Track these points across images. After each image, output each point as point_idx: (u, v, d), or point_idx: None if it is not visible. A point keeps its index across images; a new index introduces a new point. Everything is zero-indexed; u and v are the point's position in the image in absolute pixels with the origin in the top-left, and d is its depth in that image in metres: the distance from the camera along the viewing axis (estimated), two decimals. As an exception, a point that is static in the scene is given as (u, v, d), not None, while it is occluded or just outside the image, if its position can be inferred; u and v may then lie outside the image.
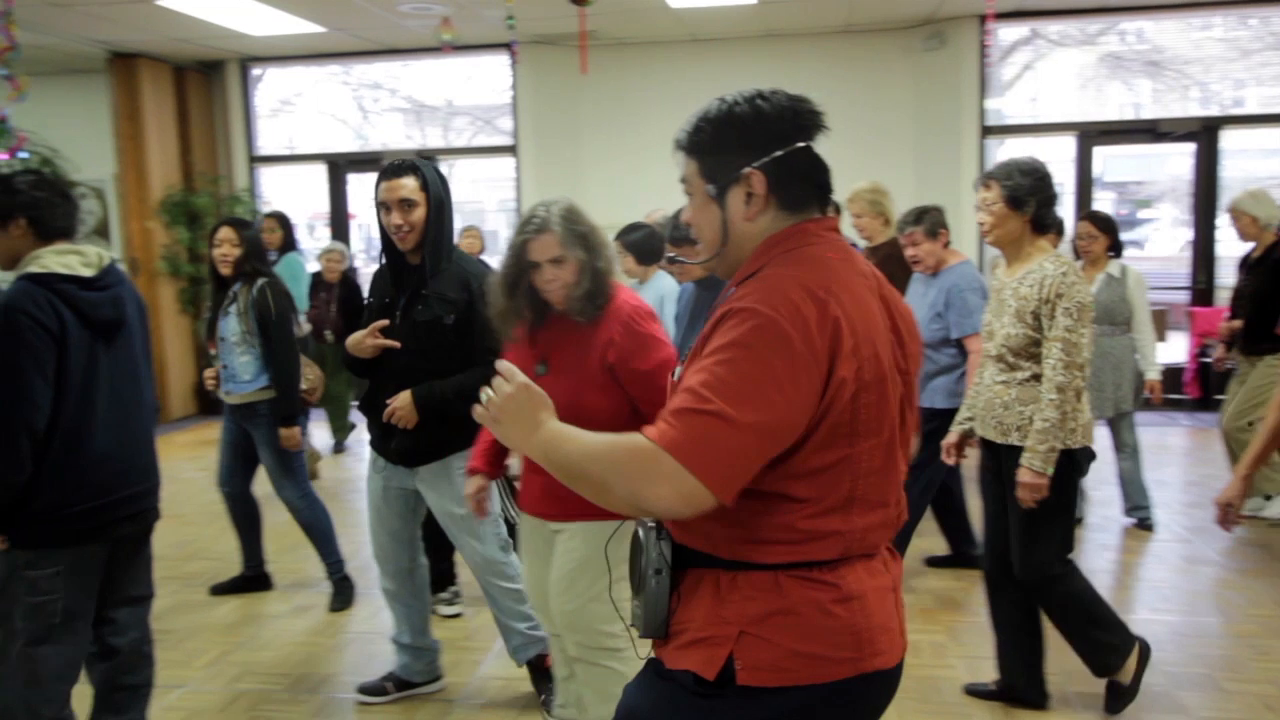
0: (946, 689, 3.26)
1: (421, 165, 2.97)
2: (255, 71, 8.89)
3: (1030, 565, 2.96)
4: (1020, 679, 3.12)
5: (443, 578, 4.02)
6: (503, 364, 1.48)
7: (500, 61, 8.58)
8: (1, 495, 2.37)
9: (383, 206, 2.94)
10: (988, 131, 7.79)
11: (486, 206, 16.41)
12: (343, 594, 4.19)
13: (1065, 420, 2.80)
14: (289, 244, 6.39)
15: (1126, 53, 8.46)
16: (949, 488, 4.28)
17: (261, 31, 7.41)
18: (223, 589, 4.34)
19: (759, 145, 1.48)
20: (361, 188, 9.15)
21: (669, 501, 1.32)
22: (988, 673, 3.34)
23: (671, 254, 3.89)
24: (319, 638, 3.84)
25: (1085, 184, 7.81)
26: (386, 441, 3.06)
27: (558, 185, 7.96)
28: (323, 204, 9.00)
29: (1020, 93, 8.88)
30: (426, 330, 2.94)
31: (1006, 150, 8.45)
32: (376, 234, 3.17)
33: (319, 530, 4.19)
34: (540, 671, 3.17)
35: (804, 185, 1.50)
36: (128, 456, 2.56)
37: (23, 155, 6.68)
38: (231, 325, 4.04)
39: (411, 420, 2.94)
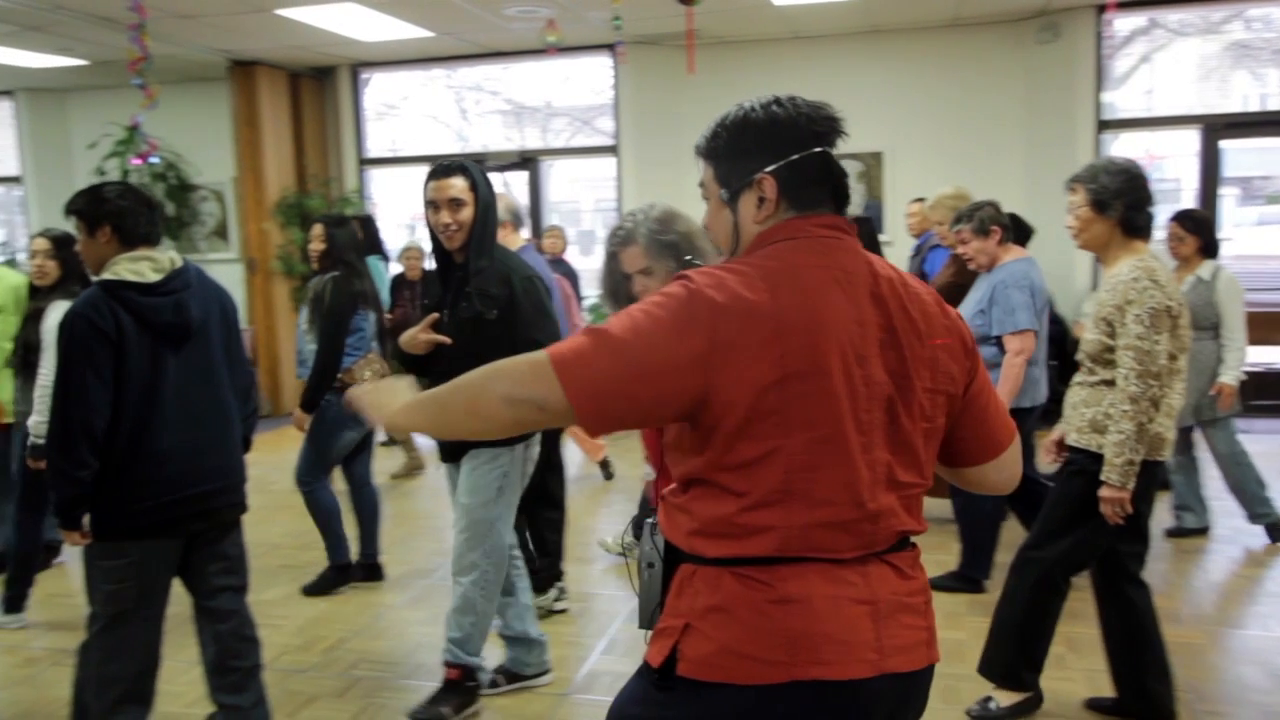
0: (1067, 702, 3.16)
1: (470, 166, 3.04)
2: (364, 76, 9.16)
3: (1035, 552, 2.97)
4: (1132, 693, 3.01)
5: (549, 576, 4.07)
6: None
7: (600, 62, 8.64)
8: (66, 491, 2.53)
9: (431, 205, 3.01)
10: (1104, 126, 7.51)
11: (583, 206, 16.56)
12: (325, 581, 4.35)
13: (1143, 432, 2.71)
14: (372, 246, 6.45)
15: (1254, 40, 8.04)
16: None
17: (372, 37, 7.62)
18: (315, 589, 4.46)
19: (773, 150, 1.49)
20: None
21: (536, 403, 1.38)
22: (1107, 686, 3.23)
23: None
24: (433, 628, 3.94)
25: (1210, 179, 7.46)
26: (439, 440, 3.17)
27: (658, 185, 7.99)
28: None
29: (1136, 85, 8.53)
30: (471, 326, 3.00)
31: (1122, 145, 8.15)
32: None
33: (328, 518, 4.35)
34: (446, 684, 3.16)
35: (817, 191, 1.50)
36: (197, 456, 2.67)
37: (153, 160, 7.05)
38: (304, 314, 4.27)
39: None
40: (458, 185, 2.99)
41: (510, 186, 9.27)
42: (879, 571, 1.43)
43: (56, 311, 3.55)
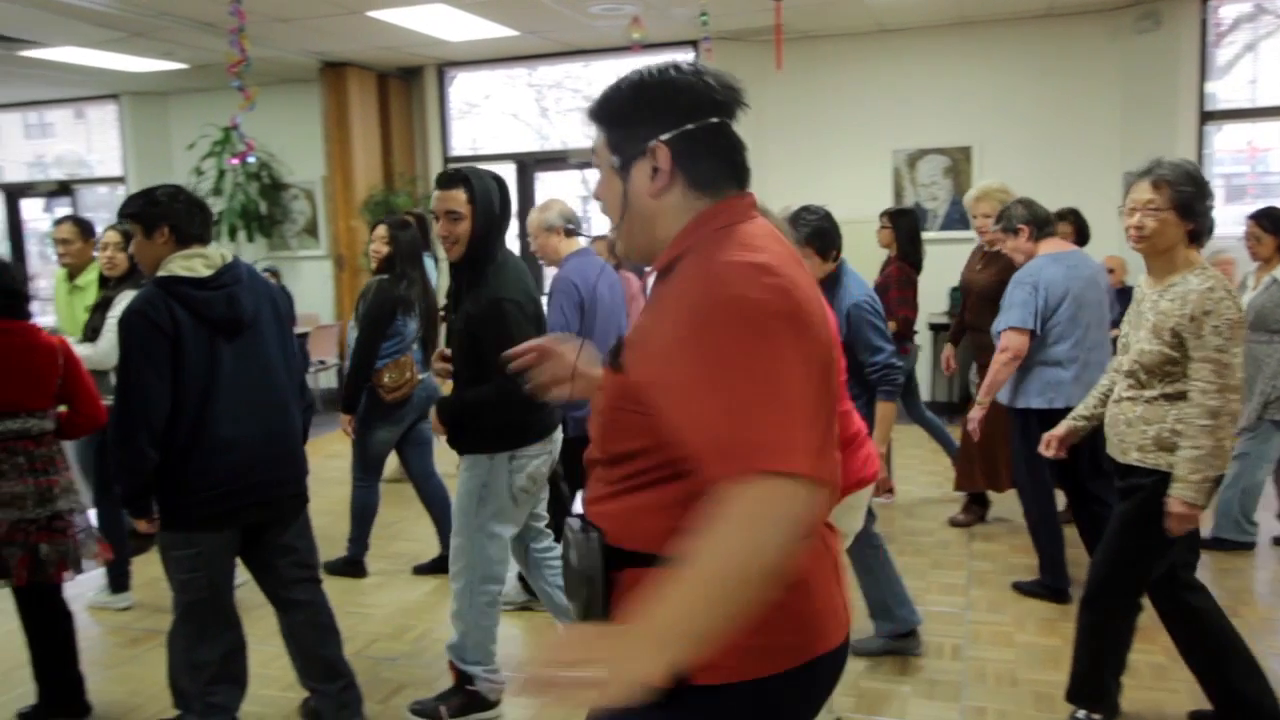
0: (1170, 714, 3.05)
1: (473, 177, 2.95)
2: (449, 75, 9.30)
3: (1098, 582, 2.87)
4: (1225, 700, 2.88)
5: None
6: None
7: (680, 59, 8.62)
8: (130, 482, 2.62)
9: (433, 216, 3.00)
10: (1207, 118, 7.22)
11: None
12: (342, 566, 4.53)
13: (1221, 448, 2.58)
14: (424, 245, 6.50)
15: (1370, 27, 7.65)
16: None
17: (459, 37, 7.74)
18: (424, 569, 4.57)
19: (668, 118, 1.39)
20: (547, 187, 9.42)
21: (806, 524, 1.18)
22: (1217, 700, 3.11)
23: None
24: (517, 617, 3.98)
25: (1320, 173, 7.12)
26: None
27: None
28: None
29: (1240, 75, 8.17)
30: (459, 340, 3.00)
31: (1224, 137, 7.82)
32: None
33: (359, 514, 4.53)
34: (454, 684, 3.18)
35: (716, 163, 1.42)
36: (257, 446, 2.73)
37: (249, 160, 7.27)
38: (357, 315, 4.36)
39: (441, 432, 3.05)
40: (457, 198, 2.92)
41: (590, 183, 9.31)
42: (829, 531, 1.45)
43: (124, 302, 3.72)
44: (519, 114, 9.65)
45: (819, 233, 3.26)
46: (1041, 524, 4.02)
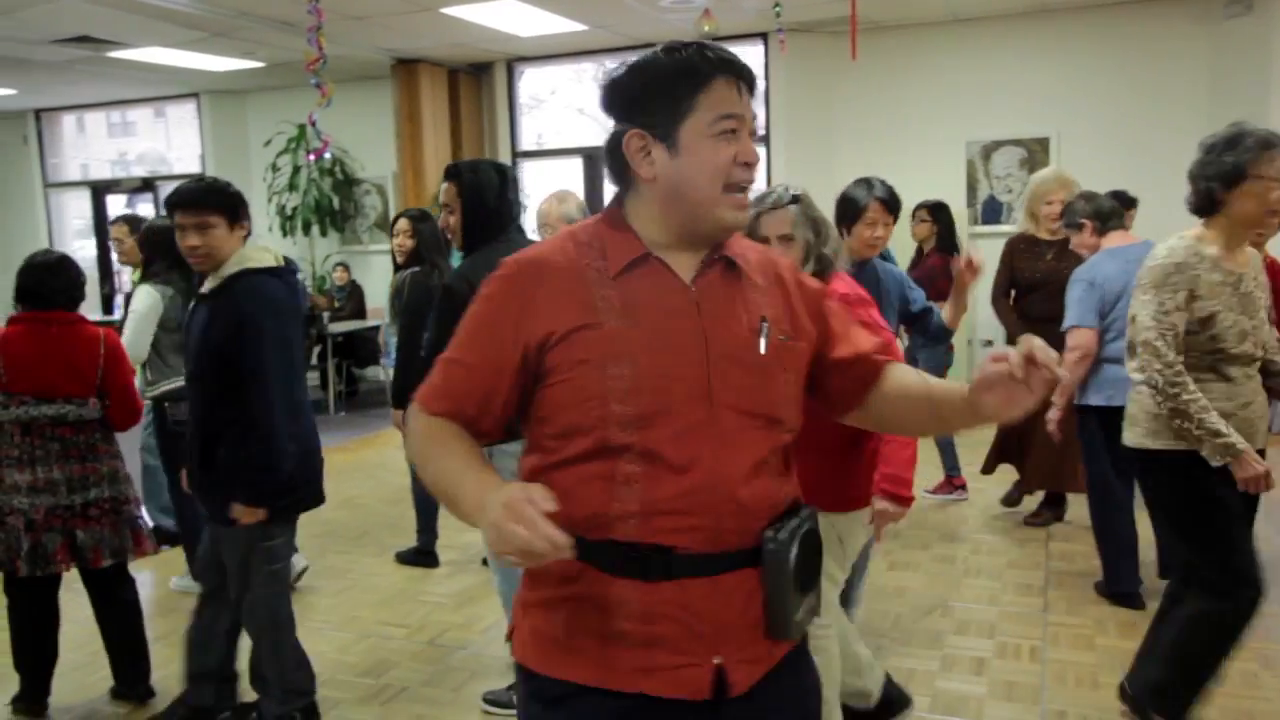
0: (1263, 724, 2.94)
1: (466, 170, 3.02)
2: (519, 70, 9.37)
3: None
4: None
5: None
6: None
7: (752, 51, 8.57)
8: (281, 473, 2.65)
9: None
10: (1301, 104, 6.93)
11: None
12: (413, 555, 4.55)
13: None
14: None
15: None
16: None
17: (529, 32, 7.79)
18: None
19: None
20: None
21: None
22: (1314, 710, 2.99)
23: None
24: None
25: None
26: None
27: (810, 174, 7.86)
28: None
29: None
30: None
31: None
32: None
33: (421, 505, 4.52)
34: None
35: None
36: (316, 438, 2.86)
37: (326, 156, 7.42)
38: (387, 310, 4.40)
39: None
40: (449, 190, 3.03)
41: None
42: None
43: (143, 294, 3.97)
44: (585, 109, 9.68)
45: None
46: (1103, 526, 3.92)
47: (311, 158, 7.45)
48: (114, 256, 4.54)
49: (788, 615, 1.37)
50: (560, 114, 9.56)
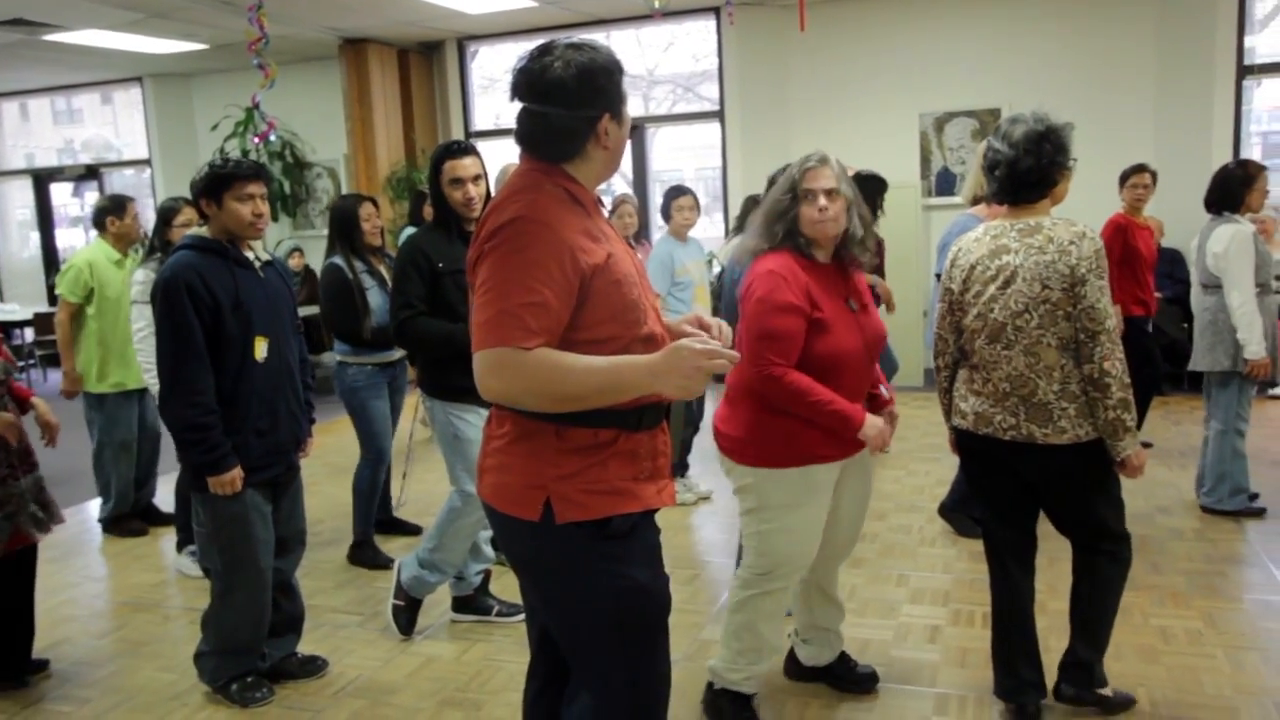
0: (1209, 681, 2.99)
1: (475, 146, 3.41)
2: (471, 49, 9.25)
3: None
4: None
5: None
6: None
7: (704, 26, 8.51)
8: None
9: (456, 182, 3.28)
10: (1245, 72, 7.02)
11: (687, 174, 16.45)
12: (360, 554, 4.44)
13: None
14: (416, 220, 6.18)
15: None
16: None
17: (479, 9, 7.67)
18: None
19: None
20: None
21: None
22: (1253, 664, 3.05)
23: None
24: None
25: (1364, 127, 6.91)
26: None
27: (765, 150, 7.84)
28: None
29: (1277, 29, 7.94)
30: None
31: (1263, 94, 7.60)
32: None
33: (362, 497, 4.44)
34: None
35: None
36: None
37: (271, 138, 7.28)
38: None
39: None
40: (478, 164, 3.34)
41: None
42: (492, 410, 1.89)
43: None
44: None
45: None
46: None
47: (256, 140, 7.30)
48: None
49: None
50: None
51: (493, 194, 3.72)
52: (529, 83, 1.75)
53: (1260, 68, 7.14)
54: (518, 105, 1.79)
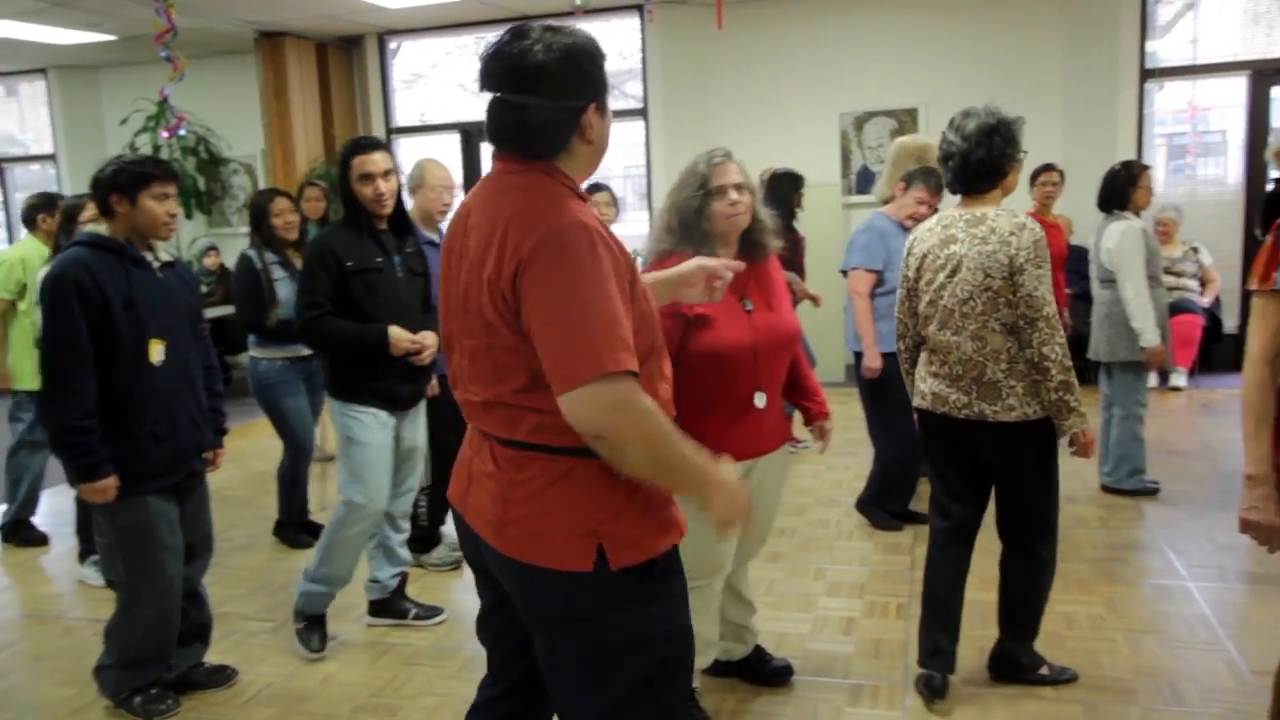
0: (1109, 664, 3.09)
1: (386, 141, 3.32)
2: (392, 45, 9.11)
3: None
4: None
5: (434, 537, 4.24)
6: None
7: (627, 25, 8.51)
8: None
9: (365, 178, 3.20)
10: (1148, 75, 7.28)
11: (611, 172, 16.45)
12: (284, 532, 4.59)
13: None
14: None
15: (1306, -16, 7.75)
16: None
17: (398, 4, 7.56)
18: None
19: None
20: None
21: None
22: (1150, 647, 3.16)
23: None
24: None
25: (1258, 130, 7.21)
26: (398, 389, 3.33)
27: (688, 148, 7.80)
28: (457, 174, 9.17)
29: (1181, 34, 8.25)
30: (419, 281, 3.41)
31: (1166, 97, 7.89)
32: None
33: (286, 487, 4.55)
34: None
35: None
36: None
37: (182, 133, 7.05)
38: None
39: (435, 356, 3.35)
40: (389, 158, 3.27)
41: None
42: (486, 447, 1.68)
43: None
44: (466, 84, 9.50)
45: None
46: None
47: (167, 135, 7.07)
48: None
49: None
50: (440, 89, 9.35)
51: (404, 190, 3.67)
52: (506, 70, 1.56)
53: (1161, 71, 7.42)
54: (488, 96, 1.61)
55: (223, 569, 4.22)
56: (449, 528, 4.28)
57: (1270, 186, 4.75)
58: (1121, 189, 4.52)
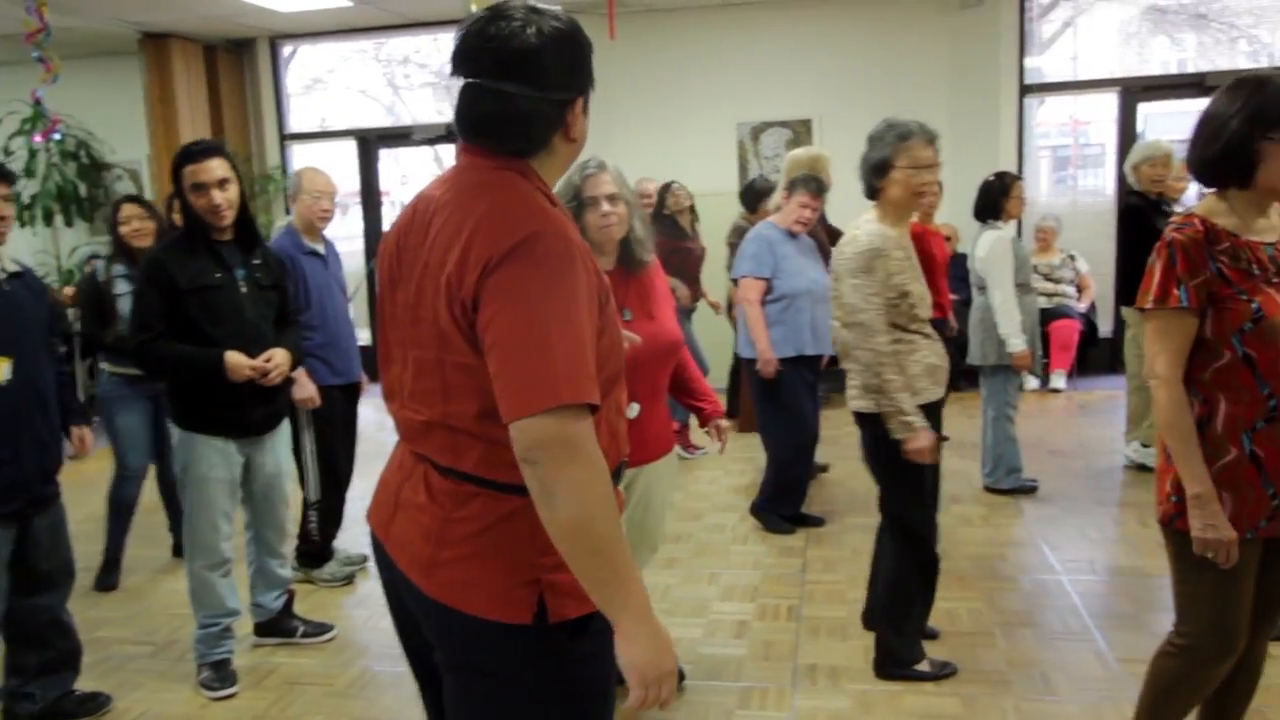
0: (985, 657, 3.20)
1: (224, 146, 3.14)
2: (286, 50, 8.89)
3: None
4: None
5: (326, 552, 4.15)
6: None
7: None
8: None
9: (199, 188, 2.98)
10: (1027, 90, 7.59)
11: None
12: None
13: None
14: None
15: (1171, 5, 8.19)
16: None
17: (289, 7, 7.39)
18: None
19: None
20: (392, 163, 9.14)
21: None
22: (1026, 639, 3.29)
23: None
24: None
25: (1127, 142, 7.59)
26: (247, 415, 3.11)
27: (586, 154, 7.87)
28: (354, 181, 9.00)
29: (1060, 51, 8.65)
30: (272, 295, 3.20)
31: (1049, 111, 8.24)
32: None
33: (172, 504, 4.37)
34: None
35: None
36: None
37: (55, 137, 6.77)
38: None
39: (286, 374, 3.15)
40: (224, 166, 3.02)
41: (442, 160, 9.11)
42: (419, 472, 1.47)
43: None
44: (367, 90, 9.35)
45: None
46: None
47: (39, 139, 6.76)
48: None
49: None
50: (337, 95, 9.18)
51: (244, 198, 3.49)
52: (489, 52, 1.37)
53: (1040, 87, 7.75)
54: (460, 81, 1.41)
55: (95, 592, 4.05)
56: (340, 542, 4.19)
57: (1131, 200, 4.99)
58: (995, 199, 4.71)
